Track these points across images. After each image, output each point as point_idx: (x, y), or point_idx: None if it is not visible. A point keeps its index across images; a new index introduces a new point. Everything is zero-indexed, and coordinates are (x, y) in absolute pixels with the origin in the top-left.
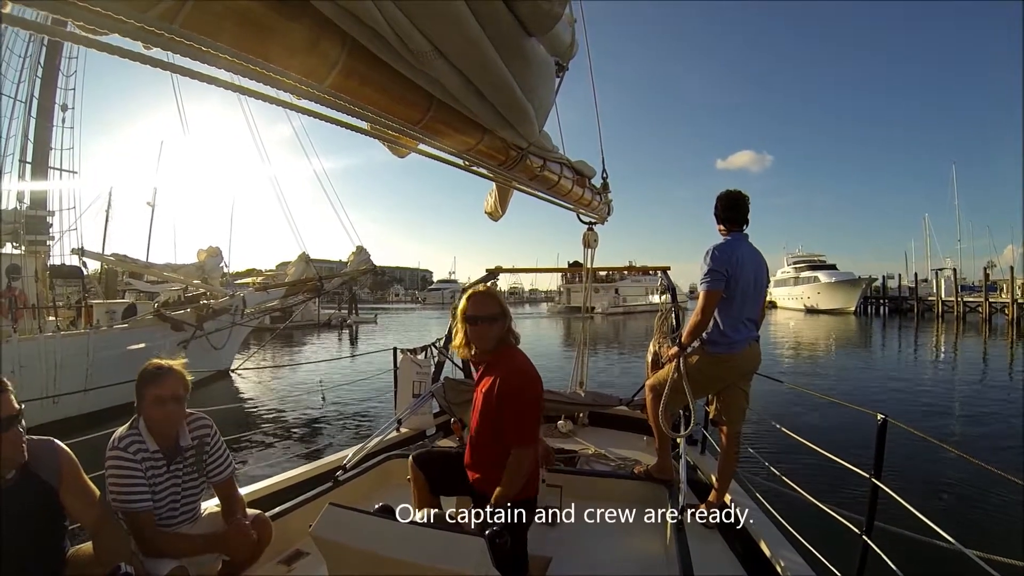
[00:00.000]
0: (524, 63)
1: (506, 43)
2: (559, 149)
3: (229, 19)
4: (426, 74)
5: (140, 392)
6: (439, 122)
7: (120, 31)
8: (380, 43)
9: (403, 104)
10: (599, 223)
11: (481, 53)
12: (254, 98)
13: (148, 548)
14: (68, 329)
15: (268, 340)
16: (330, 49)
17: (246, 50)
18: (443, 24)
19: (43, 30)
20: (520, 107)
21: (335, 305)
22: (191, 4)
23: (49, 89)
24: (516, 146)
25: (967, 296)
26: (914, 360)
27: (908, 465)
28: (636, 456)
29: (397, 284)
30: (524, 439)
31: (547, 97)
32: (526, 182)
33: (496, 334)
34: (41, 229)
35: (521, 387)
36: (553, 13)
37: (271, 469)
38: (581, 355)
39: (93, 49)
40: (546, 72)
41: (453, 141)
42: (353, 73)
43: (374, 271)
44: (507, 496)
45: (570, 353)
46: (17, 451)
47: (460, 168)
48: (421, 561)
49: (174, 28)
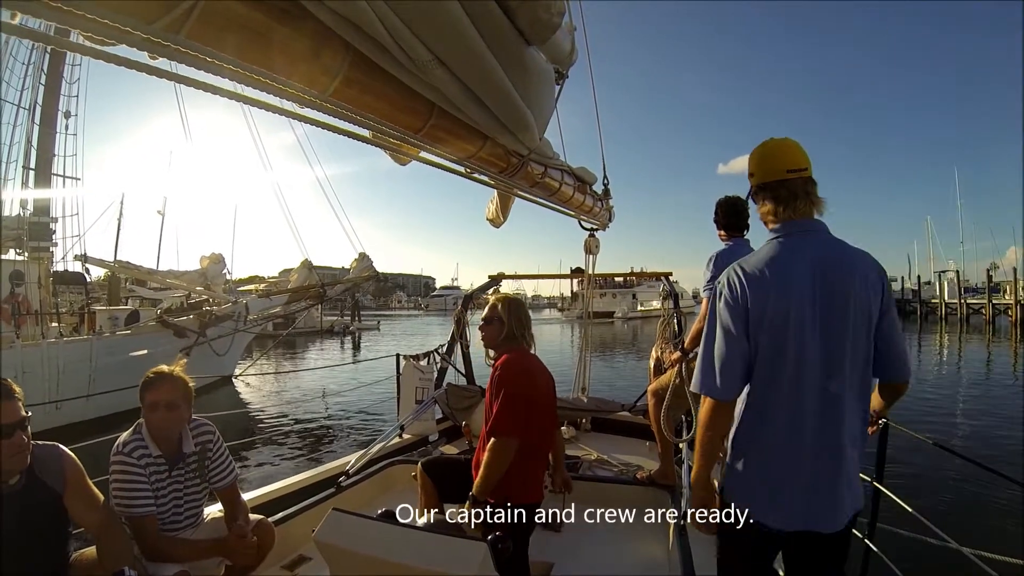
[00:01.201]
0: (524, 71)
1: (506, 52)
2: (560, 156)
3: (233, 30)
4: (427, 83)
5: (140, 397)
6: (440, 130)
7: (127, 42)
8: (381, 52)
9: (404, 112)
10: (600, 229)
11: (481, 62)
12: (257, 107)
13: (151, 552)
14: (71, 335)
15: (271, 347)
16: (332, 59)
17: (250, 60)
18: (443, 34)
19: (50, 41)
20: (520, 114)
21: (338, 312)
22: (196, 15)
23: (53, 96)
24: (517, 153)
25: (970, 298)
26: (917, 363)
27: (910, 468)
28: (638, 461)
29: (400, 291)
30: (499, 427)
31: (547, 105)
32: (527, 189)
33: (495, 334)
34: (44, 235)
35: (501, 377)
36: (551, 23)
37: (274, 475)
38: (583, 361)
39: (100, 60)
40: (546, 80)
41: (454, 148)
42: (355, 82)
43: (376, 278)
44: (483, 486)
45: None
46: (23, 456)
47: (461, 175)
48: (423, 565)
49: (179, 39)
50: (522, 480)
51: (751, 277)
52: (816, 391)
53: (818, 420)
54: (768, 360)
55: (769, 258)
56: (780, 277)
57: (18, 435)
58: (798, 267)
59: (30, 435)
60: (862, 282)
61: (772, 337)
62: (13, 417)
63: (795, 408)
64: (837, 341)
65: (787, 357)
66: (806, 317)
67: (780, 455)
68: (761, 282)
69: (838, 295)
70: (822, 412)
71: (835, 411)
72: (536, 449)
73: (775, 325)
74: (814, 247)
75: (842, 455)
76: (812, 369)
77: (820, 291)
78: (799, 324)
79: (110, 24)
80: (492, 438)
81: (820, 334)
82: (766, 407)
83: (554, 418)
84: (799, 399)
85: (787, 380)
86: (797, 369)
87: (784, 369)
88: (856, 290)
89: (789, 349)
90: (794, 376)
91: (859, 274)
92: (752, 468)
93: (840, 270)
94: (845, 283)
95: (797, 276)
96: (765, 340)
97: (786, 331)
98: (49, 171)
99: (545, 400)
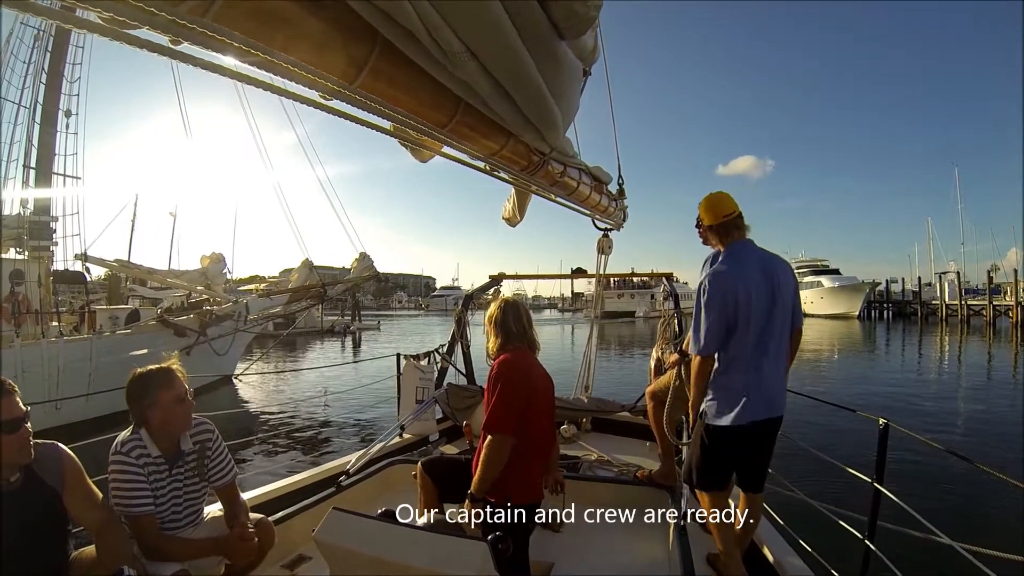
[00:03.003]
0: (556, 66)
1: (539, 46)
2: (578, 155)
3: (259, 15)
4: (456, 77)
5: (151, 398)
6: (466, 126)
7: (150, 24)
8: (412, 44)
9: (431, 107)
10: (615, 229)
11: (515, 55)
12: (280, 95)
13: (151, 552)
14: (71, 334)
15: (271, 346)
16: (361, 49)
17: (274, 47)
18: (478, 25)
19: (67, 20)
20: (549, 111)
21: (338, 312)
22: (221, 0)
23: (53, 94)
24: (539, 151)
25: (971, 300)
26: (917, 364)
27: (911, 469)
28: (639, 461)
29: (400, 291)
30: (494, 425)
31: (574, 101)
32: (546, 187)
33: (492, 337)
34: (45, 234)
35: (498, 375)
36: (588, 16)
37: (274, 474)
38: (587, 361)
39: (121, 42)
40: (574, 76)
41: (478, 145)
42: (382, 74)
43: (377, 278)
44: (480, 484)
45: (608, 356)
46: (24, 452)
47: (482, 172)
48: (424, 565)
49: (204, 22)
50: (522, 480)
51: (720, 277)
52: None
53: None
54: (735, 327)
55: (729, 263)
56: (739, 271)
57: (24, 430)
58: (748, 265)
59: (30, 431)
60: (784, 274)
61: (736, 311)
62: (14, 413)
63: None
64: (781, 308)
65: (749, 322)
66: (762, 294)
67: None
68: (726, 278)
69: (776, 282)
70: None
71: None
72: (535, 449)
73: (738, 303)
74: (754, 253)
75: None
76: (765, 328)
77: (767, 278)
78: (756, 300)
79: (134, 4)
80: (487, 435)
81: (767, 306)
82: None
83: (553, 419)
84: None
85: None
86: (755, 329)
87: (748, 329)
88: (782, 279)
89: (750, 318)
90: (752, 333)
91: (781, 268)
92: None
93: (772, 265)
94: (777, 274)
95: (750, 270)
96: (732, 314)
97: (748, 307)
98: (50, 170)
99: (543, 400)
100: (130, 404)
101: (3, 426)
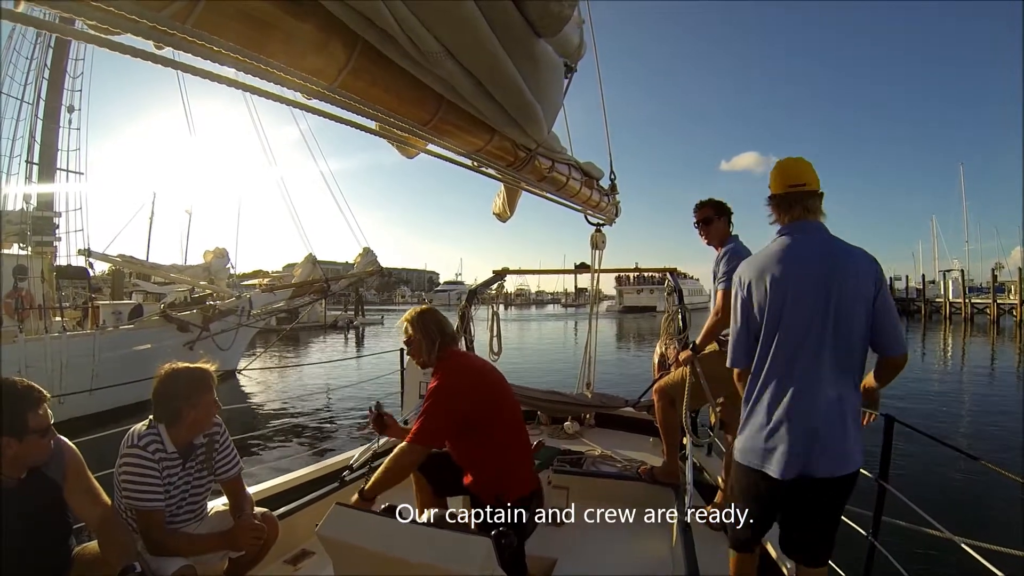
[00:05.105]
0: (533, 64)
1: (516, 44)
2: (567, 150)
3: (240, 19)
4: (435, 75)
5: (196, 398)
6: (448, 123)
7: (133, 31)
8: (390, 44)
9: (412, 105)
10: (607, 224)
11: (491, 54)
12: (263, 97)
13: (156, 547)
14: (74, 330)
15: (274, 341)
16: (340, 50)
17: (257, 50)
18: (453, 25)
19: (54, 29)
20: (529, 108)
21: (341, 306)
22: (203, 4)
23: (56, 91)
24: (525, 147)
25: (975, 298)
26: (921, 361)
27: (915, 466)
28: (642, 458)
29: (404, 285)
30: (410, 435)
31: (556, 98)
32: (535, 183)
33: (421, 351)
34: (47, 230)
35: (435, 386)
36: (562, 15)
37: (277, 469)
38: (588, 356)
39: (105, 49)
40: (555, 73)
41: (462, 142)
42: (363, 73)
43: (381, 272)
44: (374, 486)
45: (630, 349)
46: (46, 453)
47: (469, 169)
48: (427, 561)
49: (186, 28)
50: (507, 476)
51: (741, 266)
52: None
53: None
54: (759, 332)
55: (779, 250)
56: (771, 260)
57: (50, 434)
58: (796, 254)
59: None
60: (857, 275)
61: (762, 312)
62: (47, 421)
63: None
64: (843, 319)
65: (778, 328)
66: (806, 294)
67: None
68: (748, 267)
69: (841, 284)
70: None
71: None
72: (508, 442)
73: (767, 301)
74: (814, 240)
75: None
76: (805, 340)
77: (824, 275)
78: (794, 300)
79: (116, 12)
80: (404, 442)
81: (812, 310)
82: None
83: (515, 407)
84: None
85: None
86: (791, 338)
87: (776, 337)
88: (850, 281)
89: (780, 323)
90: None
91: (854, 268)
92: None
93: (842, 260)
94: (845, 273)
95: (795, 260)
96: (756, 315)
97: (780, 307)
98: (52, 166)
99: (492, 395)
100: (164, 399)
101: (41, 432)
